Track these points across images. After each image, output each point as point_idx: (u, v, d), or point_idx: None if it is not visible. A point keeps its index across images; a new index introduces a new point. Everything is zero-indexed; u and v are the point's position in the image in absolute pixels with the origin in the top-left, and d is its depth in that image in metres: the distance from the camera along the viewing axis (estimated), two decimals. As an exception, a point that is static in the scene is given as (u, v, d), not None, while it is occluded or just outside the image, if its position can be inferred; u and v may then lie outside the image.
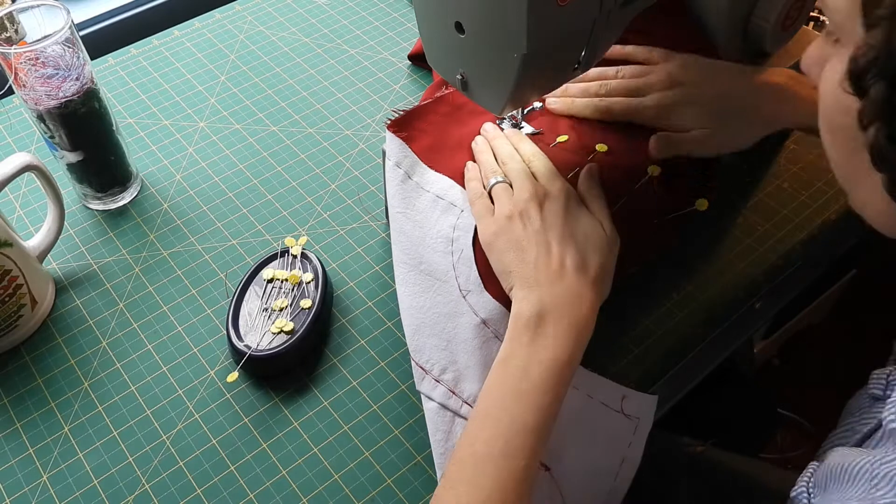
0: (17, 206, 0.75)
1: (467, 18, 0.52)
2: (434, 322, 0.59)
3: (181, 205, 0.75)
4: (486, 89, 0.57)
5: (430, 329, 0.59)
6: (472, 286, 0.59)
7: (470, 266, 0.59)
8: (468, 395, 0.56)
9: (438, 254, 0.61)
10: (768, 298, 0.69)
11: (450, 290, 0.59)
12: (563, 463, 0.56)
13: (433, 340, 0.59)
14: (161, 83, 0.87)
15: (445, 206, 0.63)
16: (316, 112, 0.84)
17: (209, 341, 0.65)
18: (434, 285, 0.60)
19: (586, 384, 0.59)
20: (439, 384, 0.58)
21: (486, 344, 0.57)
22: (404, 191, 0.64)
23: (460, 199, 0.62)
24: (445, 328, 0.59)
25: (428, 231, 0.62)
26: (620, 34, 0.60)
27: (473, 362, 0.57)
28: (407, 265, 0.62)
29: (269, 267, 0.67)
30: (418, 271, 0.61)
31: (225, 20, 0.94)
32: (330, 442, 0.60)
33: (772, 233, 0.72)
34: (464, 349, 0.58)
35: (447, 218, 0.62)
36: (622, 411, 0.59)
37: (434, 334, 0.59)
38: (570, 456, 0.57)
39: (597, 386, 0.59)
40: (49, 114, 0.66)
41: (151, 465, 0.58)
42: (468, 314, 0.58)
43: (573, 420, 0.57)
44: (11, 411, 0.61)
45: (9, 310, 0.63)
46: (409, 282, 0.61)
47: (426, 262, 0.61)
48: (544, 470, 0.55)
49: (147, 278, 0.70)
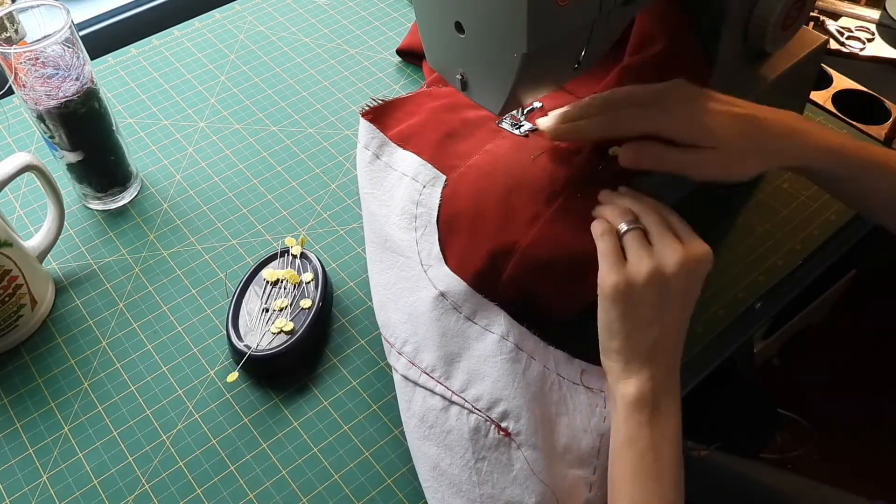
0: (17, 206, 0.75)
1: (467, 18, 0.52)
2: (397, 297, 0.60)
3: (181, 205, 0.75)
4: (486, 89, 0.57)
5: (394, 304, 0.60)
6: (433, 261, 0.60)
7: (433, 242, 0.61)
8: (426, 366, 0.57)
9: (403, 230, 0.62)
10: (768, 298, 0.69)
11: (412, 265, 0.61)
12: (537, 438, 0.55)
13: (396, 315, 0.60)
14: (161, 83, 0.87)
15: (409, 182, 0.64)
16: (316, 112, 0.84)
17: (209, 341, 0.65)
18: (398, 261, 0.62)
19: (542, 356, 0.58)
20: (401, 356, 0.59)
21: (445, 315, 0.58)
22: (371, 172, 0.66)
23: (423, 175, 0.63)
24: (408, 302, 0.60)
25: (393, 209, 0.64)
26: (620, 34, 0.60)
27: (432, 333, 0.58)
28: (374, 244, 0.64)
29: (269, 267, 0.67)
30: (384, 249, 0.63)
31: (225, 20, 0.94)
32: (330, 442, 0.60)
33: (772, 233, 0.72)
34: (423, 321, 0.59)
35: (411, 194, 0.63)
36: (583, 384, 0.58)
37: (398, 308, 0.60)
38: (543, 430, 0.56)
39: (555, 359, 0.59)
40: (49, 114, 0.66)
41: (151, 465, 0.58)
42: (428, 288, 0.59)
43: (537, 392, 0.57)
44: (11, 411, 0.61)
45: (9, 310, 0.63)
46: (376, 259, 0.63)
47: (391, 240, 0.63)
48: (503, 434, 0.55)
49: (147, 278, 0.70)
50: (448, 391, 0.56)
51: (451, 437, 0.55)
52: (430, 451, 0.55)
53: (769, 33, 0.66)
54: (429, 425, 0.56)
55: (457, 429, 0.55)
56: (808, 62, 0.75)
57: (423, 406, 0.56)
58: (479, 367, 0.57)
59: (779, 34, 0.68)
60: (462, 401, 0.55)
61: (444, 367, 0.57)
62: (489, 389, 0.56)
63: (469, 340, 0.58)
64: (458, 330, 0.58)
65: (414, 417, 0.57)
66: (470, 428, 0.55)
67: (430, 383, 0.57)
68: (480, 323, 0.58)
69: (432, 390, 0.56)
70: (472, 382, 0.56)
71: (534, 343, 0.58)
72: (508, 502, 0.53)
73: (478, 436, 0.54)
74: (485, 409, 0.55)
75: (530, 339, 0.58)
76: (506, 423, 0.55)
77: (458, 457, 0.54)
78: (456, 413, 0.55)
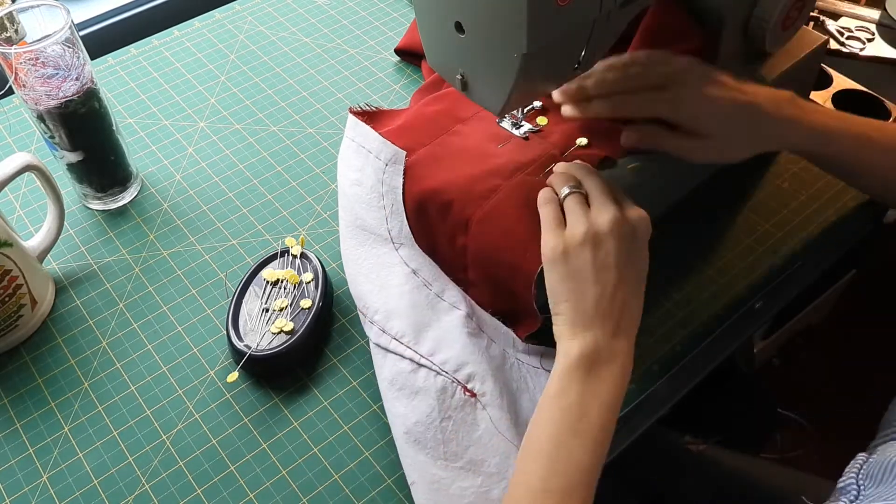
0: (17, 206, 0.75)
1: (467, 18, 0.52)
2: (369, 271, 0.64)
3: (181, 205, 0.75)
4: (486, 89, 0.57)
5: (366, 277, 0.63)
6: (405, 240, 0.63)
7: (401, 221, 0.63)
8: (396, 332, 0.60)
9: (373, 209, 0.65)
10: (768, 298, 0.69)
11: (383, 242, 0.64)
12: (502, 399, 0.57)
13: (368, 286, 0.63)
14: (161, 83, 0.87)
15: (373, 160, 0.65)
16: (316, 112, 0.84)
17: (209, 341, 0.65)
18: (369, 238, 0.65)
19: (502, 341, 0.61)
20: (373, 325, 0.61)
21: (416, 290, 0.62)
22: (347, 155, 0.68)
23: (384, 153, 0.65)
24: (379, 275, 0.63)
25: (363, 188, 0.65)
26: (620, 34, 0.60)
27: (403, 303, 0.61)
28: (346, 221, 0.66)
29: (269, 267, 0.67)
30: (355, 227, 0.65)
31: (225, 20, 0.94)
32: (330, 442, 0.60)
33: (772, 233, 0.72)
34: (395, 293, 0.62)
35: (376, 173, 0.65)
36: (542, 367, 0.60)
37: (369, 281, 0.63)
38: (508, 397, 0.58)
39: (515, 344, 0.60)
40: (49, 114, 0.66)
41: (151, 465, 0.58)
42: (399, 264, 0.63)
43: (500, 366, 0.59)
44: (11, 411, 0.61)
45: (9, 310, 0.63)
46: (348, 237, 0.65)
47: (361, 218, 0.65)
48: (469, 395, 0.57)
49: (147, 278, 0.70)
50: (417, 355, 0.59)
51: (418, 398, 0.57)
52: (399, 411, 0.57)
53: (769, 33, 0.66)
54: (398, 387, 0.58)
55: (424, 389, 0.57)
56: (808, 62, 0.75)
57: (392, 370, 0.59)
58: (445, 335, 0.59)
59: (779, 34, 0.68)
60: (430, 363, 0.58)
61: (413, 333, 0.60)
62: (456, 354, 0.58)
63: (439, 313, 0.61)
64: (427, 304, 0.61)
65: (384, 381, 0.59)
66: (437, 388, 0.57)
67: (400, 348, 0.59)
68: (449, 300, 0.62)
69: (402, 354, 0.59)
70: (439, 348, 0.59)
71: (494, 328, 0.61)
72: (472, 460, 0.55)
73: (444, 395, 0.57)
74: (452, 371, 0.58)
75: (491, 324, 0.61)
76: (472, 384, 0.57)
77: (423, 415, 0.56)
78: (424, 375, 0.58)
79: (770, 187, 0.76)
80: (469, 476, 0.54)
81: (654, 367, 0.63)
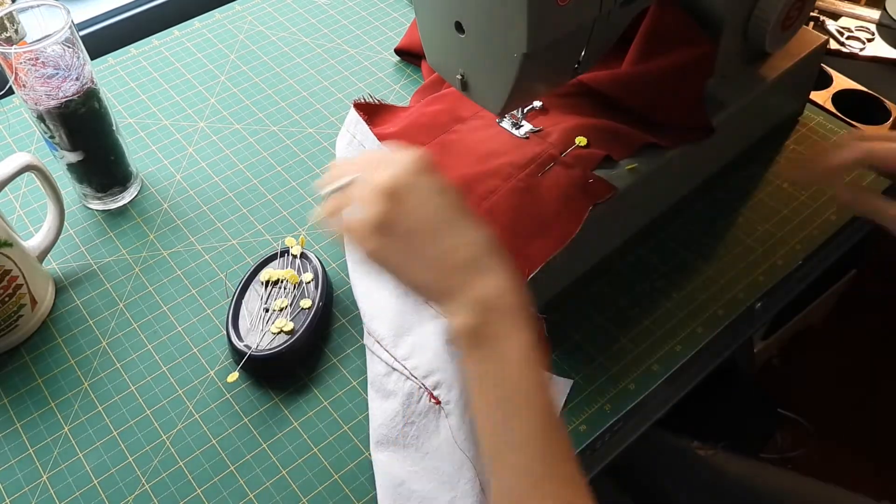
0: (17, 206, 0.75)
1: (467, 18, 0.52)
2: (363, 274, 0.66)
3: (181, 205, 0.75)
4: (486, 89, 0.57)
5: (360, 279, 0.66)
6: None
7: None
8: (378, 335, 0.62)
9: None
10: (768, 298, 0.70)
11: None
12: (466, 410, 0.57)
13: (362, 288, 0.65)
14: (161, 83, 0.87)
15: None
16: (316, 112, 0.84)
17: (209, 341, 0.65)
18: None
19: None
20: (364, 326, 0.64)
21: (406, 294, 0.62)
22: (348, 152, 0.68)
23: None
24: (371, 277, 0.65)
25: None
26: (620, 34, 0.60)
27: (390, 306, 0.63)
28: None
29: (269, 267, 0.67)
30: None
31: (225, 20, 0.94)
32: (330, 442, 0.60)
33: (772, 233, 0.72)
34: (385, 295, 0.63)
35: None
36: None
37: (361, 283, 0.66)
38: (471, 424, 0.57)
39: None
40: (49, 114, 0.66)
41: (151, 465, 0.58)
42: None
43: None
44: (11, 411, 0.61)
45: (9, 310, 0.63)
46: None
47: None
48: (434, 402, 0.58)
49: (147, 278, 0.70)
50: (392, 358, 0.61)
51: (388, 401, 0.59)
52: (374, 411, 0.59)
53: (769, 33, 0.66)
54: (375, 388, 0.60)
55: (393, 392, 0.59)
56: (808, 62, 0.75)
57: (372, 371, 0.61)
58: (422, 341, 0.60)
59: (779, 34, 0.68)
60: (402, 367, 0.60)
61: (392, 337, 0.61)
62: (428, 360, 0.59)
63: (423, 320, 0.62)
64: (413, 309, 0.62)
65: (368, 381, 0.61)
66: (405, 392, 0.58)
67: (379, 350, 0.61)
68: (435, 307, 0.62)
69: (380, 356, 0.61)
70: (413, 353, 0.60)
71: None
72: (427, 467, 0.56)
73: (410, 401, 0.58)
74: (421, 377, 0.59)
75: None
76: (438, 391, 0.58)
77: (388, 418, 0.58)
78: (395, 378, 0.60)
79: (770, 187, 0.76)
80: (422, 481, 0.55)
81: (654, 367, 0.63)
